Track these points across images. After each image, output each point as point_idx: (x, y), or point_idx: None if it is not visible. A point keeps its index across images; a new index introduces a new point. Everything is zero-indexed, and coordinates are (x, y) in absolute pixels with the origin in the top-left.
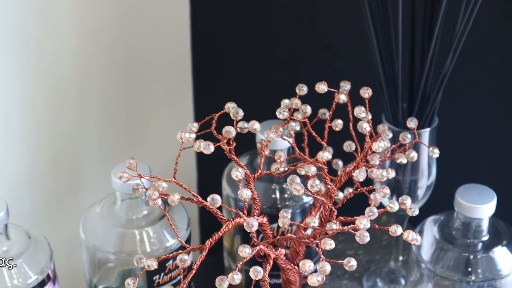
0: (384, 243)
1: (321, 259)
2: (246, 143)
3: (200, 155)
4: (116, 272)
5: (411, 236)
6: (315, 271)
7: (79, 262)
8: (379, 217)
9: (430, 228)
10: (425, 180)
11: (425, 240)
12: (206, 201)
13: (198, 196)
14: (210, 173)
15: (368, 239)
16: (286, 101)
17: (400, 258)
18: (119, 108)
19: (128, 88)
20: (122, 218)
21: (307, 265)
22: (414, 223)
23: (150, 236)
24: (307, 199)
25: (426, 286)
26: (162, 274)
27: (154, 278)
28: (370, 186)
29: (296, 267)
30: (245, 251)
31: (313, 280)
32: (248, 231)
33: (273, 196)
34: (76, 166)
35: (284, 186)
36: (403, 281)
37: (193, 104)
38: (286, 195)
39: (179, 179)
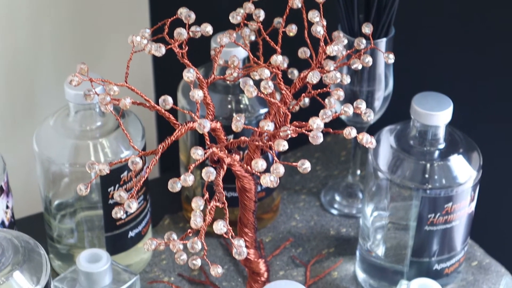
0: (342, 158)
1: (274, 161)
2: (202, 58)
3: (157, 72)
4: (71, 188)
5: (365, 138)
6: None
7: (37, 183)
8: (337, 135)
9: (387, 137)
10: (382, 92)
11: (381, 150)
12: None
13: (150, 100)
14: (167, 90)
15: (321, 139)
16: (240, 9)
17: (358, 172)
18: (75, 23)
19: (85, 1)
20: (76, 129)
21: (259, 163)
22: None
23: (104, 147)
24: (263, 111)
25: (384, 198)
26: (117, 185)
27: (109, 189)
28: (324, 89)
29: (249, 167)
30: (198, 153)
31: (266, 179)
32: (200, 132)
33: (229, 107)
34: (31, 84)
35: (239, 97)
36: (360, 195)
37: (149, 17)
38: (241, 106)
39: (136, 97)
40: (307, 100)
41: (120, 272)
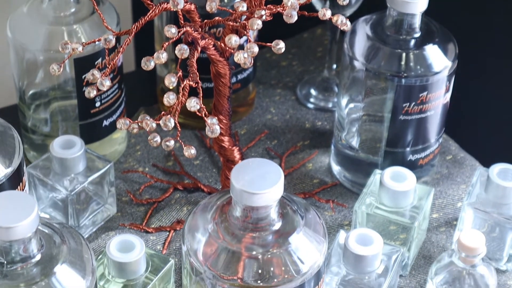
0: (318, 54)
1: (248, 40)
2: None
3: None
4: (46, 77)
5: (340, 19)
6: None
7: (11, 74)
8: (314, 32)
9: (363, 27)
10: None
11: (357, 40)
12: None
13: None
14: None
15: (295, 18)
16: None
17: (334, 66)
18: None
19: None
20: (50, 15)
21: (233, 39)
22: None
23: (78, 33)
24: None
25: (359, 90)
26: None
27: (83, 77)
28: None
29: (223, 44)
30: (171, 31)
31: (240, 56)
32: (174, 9)
33: None
34: None
35: None
36: (336, 89)
37: None
38: None
39: None
40: None
41: (94, 159)
